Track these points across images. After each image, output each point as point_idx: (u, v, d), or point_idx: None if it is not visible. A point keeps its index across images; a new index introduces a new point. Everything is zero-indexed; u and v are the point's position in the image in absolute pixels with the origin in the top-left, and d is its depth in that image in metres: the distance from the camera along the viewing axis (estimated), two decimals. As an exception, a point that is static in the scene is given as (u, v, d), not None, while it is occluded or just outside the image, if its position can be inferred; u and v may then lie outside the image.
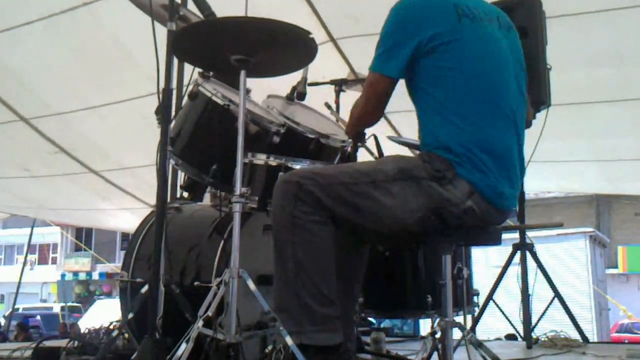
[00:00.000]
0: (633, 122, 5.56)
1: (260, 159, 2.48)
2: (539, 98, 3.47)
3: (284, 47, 2.37)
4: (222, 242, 2.58)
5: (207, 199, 3.03)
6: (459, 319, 2.72)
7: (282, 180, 2.09)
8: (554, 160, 6.15)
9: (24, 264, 12.80)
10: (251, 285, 2.11)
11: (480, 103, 2.10)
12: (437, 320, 2.25)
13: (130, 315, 2.46)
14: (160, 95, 2.40)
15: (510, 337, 4.32)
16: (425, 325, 6.96)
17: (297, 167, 2.44)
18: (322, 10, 4.54)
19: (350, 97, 3.94)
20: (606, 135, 5.92)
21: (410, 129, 2.50)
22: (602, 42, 4.51)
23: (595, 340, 9.36)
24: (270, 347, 2.13)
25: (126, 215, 8.11)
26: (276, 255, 2.05)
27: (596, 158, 6.43)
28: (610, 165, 6.60)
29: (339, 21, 4.62)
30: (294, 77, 2.98)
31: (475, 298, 3.20)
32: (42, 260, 31.88)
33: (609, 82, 4.99)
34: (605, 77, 4.93)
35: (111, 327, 2.68)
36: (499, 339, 4.66)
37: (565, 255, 11.46)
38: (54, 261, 31.98)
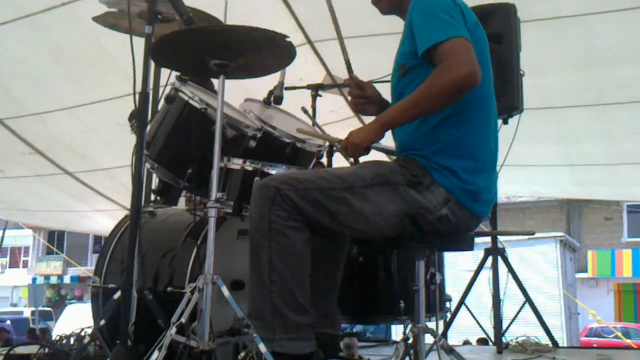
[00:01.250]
0: (604, 127, 5.64)
1: (237, 163, 2.48)
2: (512, 104, 3.47)
3: (263, 51, 2.37)
4: (196, 247, 2.57)
5: (181, 203, 3.01)
6: (432, 324, 2.74)
7: (260, 185, 2.09)
8: (525, 165, 6.22)
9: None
10: (225, 291, 2.10)
11: (479, 107, 2.13)
12: (410, 325, 2.26)
13: (102, 322, 2.42)
14: (137, 99, 2.38)
15: (482, 341, 4.35)
16: (397, 330, 6.98)
17: (273, 172, 2.45)
18: (299, 13, 4.55)
19: (327, 102, 3.97)
20: (577, 140, 5.99)
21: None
22: (575, 46, 4.54)
23: (565, 344, 9.49)
24: (242, 354, 2.12)
25: (100, 218, 8.02)
26: (252, 260, 2.04)
27: (567, 163, 6.50)
28: (581, 169, 6.69)
29: (316, 24, 4.63)
30: (271, 80, 2.98)
31: (447, 303, 3.23)
32: (14, 264, 31.29)
33: (581, 87, 5.04)
34: (578, 82, 4.98)
35: (82, 333, 2.64)
36: (467, 342, 4.70)
37: (536, 260, 11.61)
38: (25, 264, 31.36)
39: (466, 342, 7.40)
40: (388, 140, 2.41)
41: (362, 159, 2.28)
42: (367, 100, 2.41)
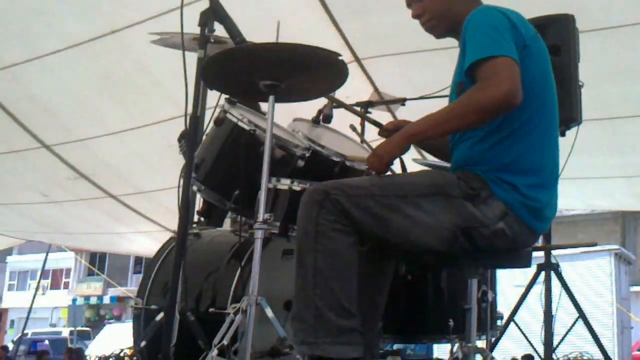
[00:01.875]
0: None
1: (284, 184, 2.44)
2: (571, 115, 3.41)
3: (314, 71, 2.35)
4: (240, 268, 2.53)
5: (227, 224, 2.98)
6: (481, 342, 2.61)
7: (310, 189, 2.03)
8: (580, 177, 6.05)
9: (37, 289, 12.79)
10: (269, 312, 2.04)
11: (544, 121, 2.06)
12: (457, 345, 2.14)
13: (143, 343, 2.38)
14: (188, 121, 2.36)
15: (527, 357, 4.21)
16: (438, 348, 6.77)
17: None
18: (347, 31, 4.56)
19: (377, 118, 3.93)
20: (635, 150, 5.79)
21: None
22: (634, 56, 4.42)
23: (616, 359, 9.10)
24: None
25: (141, 239, 8.09)
26: (297, 263, 1.97)
27: (623, 174, 6.30)
28: (638, 181, 6.47)
29: (364, 41, 4.63)
30: (319, 99, 2.95)
31: (498, 321, 3.08)
32: (55, 285, 31.94)
33: (638, 97, 4.89)
34: (637, 92, 4.84)
35: (122, 354, 2.61)
36: (514, 359, 4.53)
37: (589, 274, 11.21)
38: (66, 286, 32.00)
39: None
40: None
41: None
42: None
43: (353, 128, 3.25)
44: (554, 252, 3.73)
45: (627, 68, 4.54)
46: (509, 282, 7.20)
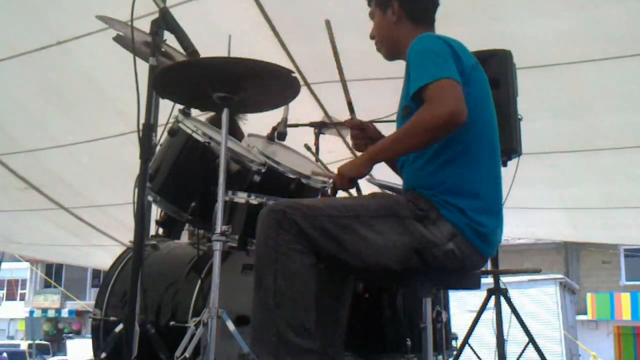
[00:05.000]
0: (598, 172, 5.67)
1: (241, 197, 2.46)
2: (511, 146, 3.56)
3: (267, 85, 2.38)
4: (200, 281, 2.54)
5: (184, 236, 2.99)
6: (438, 362, 2.69)
7: (267, 208, 2.06)
8: (523, 207, 6.22)
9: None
10: (230, 325, 2.06)
11: (485, 147, 2.16)
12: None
13: (103, 355, 2.37)
14: (141, 131, 2.37)
15: None
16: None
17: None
18: (295, 55, 4.61)
19: (326, 142, 4.01)
20: (572, 183, 6.01)
21: (385, 171, 2.51)
22: (567, 93, 4.61)
23: None
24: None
25: (97, 252, 7.95)
26: (256, 283, 2.00)
27: (563, 206, 6.51)
28: (577, 213, 6.69)
29: (313, 66, 4.67)
30: (274, 117, 2.99)
31: (453, 342, 3.18)
32: (10, 296, 30.93)
33: (575, 132, 5.09)
34: (571, 127, 5.04)
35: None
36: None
37: (536, 301, 11.52)
38: (22, 297, 31.03)
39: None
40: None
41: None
42: (369, 140, 2.43)
43: (307, 147, 3.32)
44: (503, 279, 3.84)
45: (561, 104, 4.73)
46: (461, 307, 7.35)
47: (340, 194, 2.89)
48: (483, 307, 3.84)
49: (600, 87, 4.53)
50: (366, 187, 2.98)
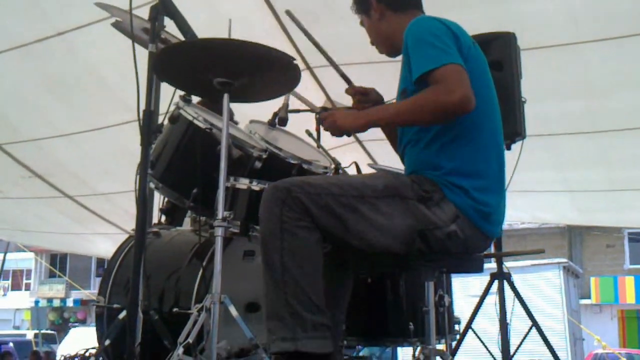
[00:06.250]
0: (602, 154, 5.63)
1: (243, 183, 2.46)
2: (515, 130, 3.52)
3: (267, 72, 2.37)
4: (202, 267, 2.54)
5: (186, 223, 2.99)
6: (441, 346, 2.70)
7: (271, 186, 2.04)
8: (527, 190, 6.20)
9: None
10: (233, 311, 2.07)
11: (486, 126, 2.14)
12: (419, 348, 2.22)
13: (107, 342, 2.39)
14: (141, 117, 2.36)
15: None
16: (403, 353, 6.94)
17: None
18: (298, 40, 4.57)
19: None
20: (576, 166, 5.97)
21: (386, 156, 2.50)
22: (571, 74, 4.56)
23: None
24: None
25: (101, 240, 7.99)
26: (264, 262, 1.99)
27: (567, 189, 6.48)
28: (581, 196, 6.65)
29: (314, 50, 4.64)
30: (275, 103, 2.98)
31: (456, 326, 3.18)
32: (16, 287, 31.13)
33: (578, 114, 5.05)
34: (575, 109, 5.00)
35: (87, 354, 2.60)
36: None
37: (540, 286, 11.54)
38: (28, 287, 31.21)
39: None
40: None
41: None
42: (372, 105, 2.41)
43: (309, 133, 3.31)
44: (506, 264, 3.83)
45: (565, 86, 4.68)
46: (464, 292, 7.35)
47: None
48: (486, 292, 3.84)
49: (605, 68, 4.48)
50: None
